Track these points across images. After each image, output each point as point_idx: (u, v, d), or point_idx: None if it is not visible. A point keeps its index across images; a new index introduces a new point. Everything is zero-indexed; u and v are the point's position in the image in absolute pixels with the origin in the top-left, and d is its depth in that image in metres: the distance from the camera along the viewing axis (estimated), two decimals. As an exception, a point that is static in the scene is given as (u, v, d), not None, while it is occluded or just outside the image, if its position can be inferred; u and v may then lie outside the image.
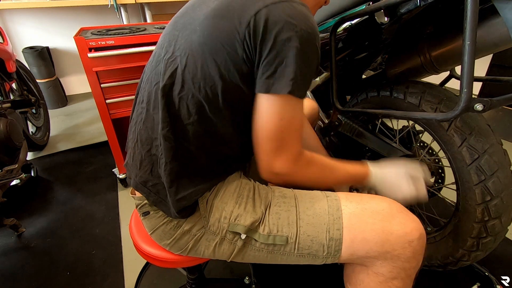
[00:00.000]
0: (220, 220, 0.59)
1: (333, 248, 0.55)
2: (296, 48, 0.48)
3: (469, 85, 0.49)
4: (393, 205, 0.57)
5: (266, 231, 0.57)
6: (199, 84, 0.53)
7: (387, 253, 0.54)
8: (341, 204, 0.57)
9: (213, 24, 0.51)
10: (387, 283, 0.56)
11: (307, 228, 0.56)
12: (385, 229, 0.53)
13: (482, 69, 2.27)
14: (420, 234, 0.54)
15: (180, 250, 0.63)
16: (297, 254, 0.57)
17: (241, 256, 0.61)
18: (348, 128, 0.98)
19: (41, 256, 1.16)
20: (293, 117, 0.53)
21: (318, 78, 1.07)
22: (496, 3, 0.54)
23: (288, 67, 0.48)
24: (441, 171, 1.00)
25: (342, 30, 0.83)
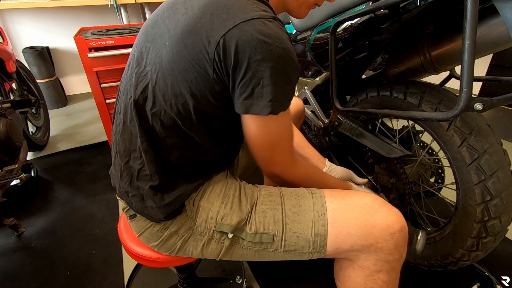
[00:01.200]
0: (207, 220, 0.59)
1: (319, 244, 0.57)
2: (272, 68, 0.47)
3: (469, 85, 0.49)
4: (375, 199, 0.58)
5: (253, 229, 0.58)
6: (170, 102, 0.53)
7: (371, 246, 0.55)
8: (325, 201, 0.59)
9: (181, 41, 0.50)
10: (372, 276, 0.58)
11: (293, 225, 0.58)
12: (368, 223, 0.55)
13: (482, 69, 2.27)
14: (401, 226, 0.55)
15: (168, 251, 0.63)
16: (283, 251, 0.59)
17: (229, 254, 0.62)
18: (348, 128, 0.98)
19: (41, 256, 1.16)
20: (281, 130, 0.56)
21: (318, 78, 1.08)
22: (496, 3, 0.54)
23: (266, 88, 0.48)
24: (441, 171, 1.00)
25: (342, 30, 0.83)
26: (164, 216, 0.58)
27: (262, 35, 0.46)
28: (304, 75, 1.14)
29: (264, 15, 0.48)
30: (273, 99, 0.49)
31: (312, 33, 0.98)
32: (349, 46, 0.85)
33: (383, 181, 0.95)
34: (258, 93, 0.49)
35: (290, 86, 0.52)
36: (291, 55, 0.49)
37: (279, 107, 0.50)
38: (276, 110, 0.50)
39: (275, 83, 0.48)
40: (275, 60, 0.47)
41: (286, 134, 0.58)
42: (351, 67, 0.96)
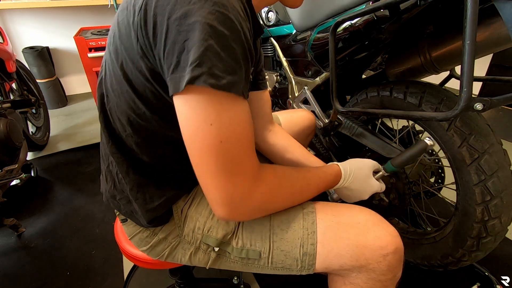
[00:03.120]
0: (194, 230, 0.57)
1: (307, 263, 0.54)
2: (197, 24, 0.35)
3: (469, 85, 0.49)
4: (370, 217, 0.54)
5: (239, 244, 0.56)
6: (118, 91, 0.47)
7: (362, 267, 0.52)
8: (316, 217, 0.54)
9: (116, 20, 0.44)
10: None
11: (280, 243, 0.54)
12: (359, 244, 0.51)
13: (482, 69, 2.27)
14: (395, 248, 0.51)
15: (158, 256, 0.62)
16: (271, 267, 0.56)
17: (218, 264, 0.60)
18: (348, 128, 0.98)
19: (41, 256, 1.16)
20: (228, 119, 0.39)
21: (318, 78, 1.08)
22: (496, 3, 0.54)
23: (193, 51, 0.35)
24: (441, 171, 1.00)
25: (342, 30, 0.83)
26: (147, 221, 0.55)
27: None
28: (304, 75, 1.14)
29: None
30: (197, 60, 0.35)
31: (312, 33, 0.98)
32: (349, 46, 0.85)
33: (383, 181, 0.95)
34: (185, 61, 0.36)
35: (227, 53, 0.37)
36: (224, 10, 0.37)
37: (207, 76, 0.36)
38: (201, 78, 0.35)
39: (202, 42, 0.35)
40: (199, 15, 0.35)
41: (240, 133, 0.41)
42: (351, 67, 0.96)
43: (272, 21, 1.25)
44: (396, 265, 0.52)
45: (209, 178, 0.41)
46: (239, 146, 0.41)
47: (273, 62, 1.41)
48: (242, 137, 0.41)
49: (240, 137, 0.41)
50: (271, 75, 1.39)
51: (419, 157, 0.55)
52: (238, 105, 0.40)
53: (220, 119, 0.38)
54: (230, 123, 0.39)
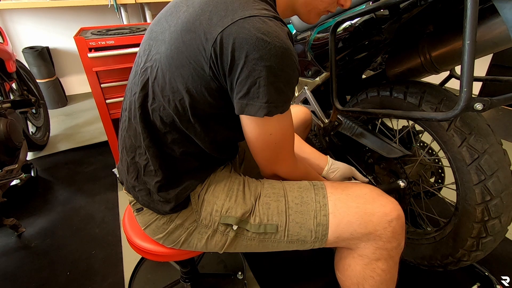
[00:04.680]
0: (212, 213, 0.61)
1: (320, 233, 0.59)
2: (269, 68, 0.46)
3: (469, 85, 0.49)
4: (373, 190, 0.61)
5: (257, 221, 0.60)
6: (168, 98, 0.53)
7: (370, 233, 0.57)
8: (327, 192, 0.61)
9: (180, 37, 0.50)
10: (371, 265, 0.59)
11: (295, 216, 0.59)
12: (367, 211, 0.57)
13: (482, 69, 2.27)
14: (398, 214, 0.57)
15: (173, 244, 0.65)
16: (287, 241, 0.61)
17: (234, 246, 0.64)
18: (348, 128, 0.98)
19: (41, 256, 1.16)
20: (281, 132, 0.55)
21: (318, 78, 1.08)
22: (496, 3, 0.54)
23: (262, 88, 0.47)
24: (441, 171, 1.00)
25: (342, 30, 0.83)
26: (170, 209, 0.59)
27: (260, 33, 0.45)
28: (304, 75, 1.14)
29: (264, 14, 0.47)
30: (269, 100, 0.48)
31: (312, 33, 0.98)
32: (349, 46, 0.85)
33: (383, 181, 0.95)
34: (254, 93, 0.48)
35: (288, 88, 0.50)
36: (290, 55, 0.48)
37: (275, 109, 0.49)
38: (272, 112, 0.49)
39: (272, 83, 0.47)
40: (273, 60, 0.46)
41: (286, 136, 0.57)
42: (351, 67, 0.96)
43: (272, 21, 1.25)
44: (399, 232, 0.58)
45: (266, 162, 0.60)
46: (284, 146, 0.58)
47: (273, 62, 1.41)
48: (287, 138, 0.57)
49: (286, 138, 0.57)
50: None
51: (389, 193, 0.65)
52: (287, 118, 0.55)
53: (275, 131, 0.54)
54: (282, 132, 0.55)
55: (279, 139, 0.56)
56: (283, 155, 0.60)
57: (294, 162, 0.63)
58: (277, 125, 0.53)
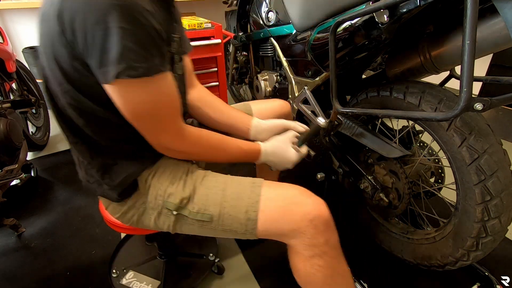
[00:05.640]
0: (156, 197, 0.66)
1: (250, 227, 0.64)
2: (108, 29, 0.45)
3: (469, 85, 0.49)
4: (303, 192, 0.66)
5: (195, 209, 0.65)
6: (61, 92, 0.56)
7: (294, 230, 0.62)
8: (261, 190, 0.65)
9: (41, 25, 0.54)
10: (308, 261, 0.64)
11: (229, 209, 0.64)
12: (291, 211, 0.63)
13: (482, 69, 2.27)
14: (318, 213, 0.62)
15: (129, 222, 0.71)
16: (221, 230, 0.66)
17: (179, 228, 0.69)
18: (348, 128, 0.98)
19: (41, 256, 1.16)
20: (154, 98, 0.53)
21: (318, 78, 1.08)
22: (496, 3, 0.54)
23: (112, 51, 0.46)
24: (441, 171, 1.00)
25: (342, 30, 0.83)
26: (118, 194, 0.65)
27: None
28: (304, 75, 1.14)
29: None
30: (121, 60, 0.46)
31: (312, 33, 0.98)
32: (349, 46, 0.85)
33: (383, 181, 0.95)
34: (104, 60, 0.47)
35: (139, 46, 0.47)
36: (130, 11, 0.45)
37: (132, 69, 0.47)
38: (130, 73, 0.47)
39: (119, 43, 0.45)
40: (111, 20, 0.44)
41: (163, 103, 0.55)
42: (351, 67, 0.95)
43: (272, 21, 1.25)
44: (323, 229, 0.62)
45: (148, 134, 0.59)
46: (165, 112, 0.57)
47: (273, 62, 1.41)
48: (163, 107, 0.56)
49: (162, 107, 0.56)
50: (271, 75, 1.39)
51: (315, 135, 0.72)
52: (158, 82, 0.53)
53: (145, 98, 0.52)
54: (155, 98, 0.53)
55: (150, 107, 0.54)
56: (161, 125, 0.58)
57: (178, 133, 0.61)
58: (142, 92, 0.52)
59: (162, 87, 0.54)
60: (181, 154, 0.65)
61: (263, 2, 1.29)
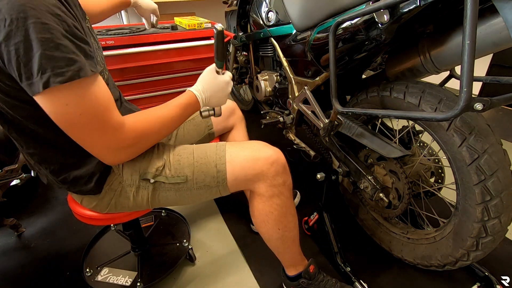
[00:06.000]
0: (132, 174, 0.71)
1: (221, 178, 0.73)
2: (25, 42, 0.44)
3: (469, 85, 0.49)
4: (262, 143, 0.78)
5: (170, 174, 0.72)
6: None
7: (258, 174, 0.73)
8: (226, 147, 0.76)
9: None
10: (268, 201, 0.76)
11: (201, 167, 0.73)
12: (254, 157, 0.73)
13: (482, 69, 2.27)
14: (277, 157, 0.74)
15: (107, 208, 0.74)
16: (196, 187, 0.74)
17: (157, 198, 0.74)
18: (348, 128, 0.98)
19: (41, 256, 1.16)
20: (86, 99, 0.52)
21: (318, 78, 1.07)
22: (496, 3, 0.54)
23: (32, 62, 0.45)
24: (441, 171, 1.00)
25: (342, 30, 0.83)
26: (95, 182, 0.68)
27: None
28: (304, 75, 1.14)
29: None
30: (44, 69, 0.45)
31: (312, 33, 0.98)
32: (349, 46, 0.85)
33: (383, 181, 0.95)
34: (27, 72, 0.46)
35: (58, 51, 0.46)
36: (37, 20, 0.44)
37: (58, 75, 0.46)
38: (55, 81, 0.46)
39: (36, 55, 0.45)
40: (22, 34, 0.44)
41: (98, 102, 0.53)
42: (351, 67, 0.95)
43: (272, 21, 1.25)
44: (281, 171, 0.75)
45: (88, 143, 0.57)
46: (99, 112, 0.54)
47: (273, 62, 1.41)
48: (98, 105, 0.54)
49: (96, 105, 0.53)
50: (271, 75, 1.39)
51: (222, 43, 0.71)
52: (89, 83, 0.52)
53: (79, 101, 0.51)
54: (88, 100, 0.52)
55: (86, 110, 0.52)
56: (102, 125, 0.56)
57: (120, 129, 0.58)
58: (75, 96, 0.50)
59: (94, 87, 0.53)
60: (130, 150, 0.64)
61: (263, 2, 1.29)
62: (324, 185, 1.08)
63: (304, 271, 0.90)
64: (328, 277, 0.93)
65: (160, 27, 1.52)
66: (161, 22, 1.68)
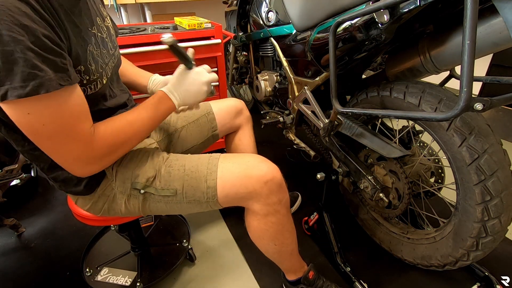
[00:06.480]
0: (125, 181, 0.71)
1: (211, 194, 0.71)
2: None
3: (469, 85, 0.49)
4: (257, 158, 0.74)
5: (160, 186, 0.71)
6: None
7: (251, 192, 0.70)
8: (218, 162, 0.72)
9: None
10: (263, 219, 0.74)
11: (191, 181, 0.71)
12: (246, 175, 0.70)
13: (482, 69, 2.27)
14: (272, 176, 0.70)
15: (101, 212, 0.74)
16: (186, 202, 0.72)
17: (148, 208, 0.73)
18: (348, 128, 0.98)
19: (41, 256, 1.16)
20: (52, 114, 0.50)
21: (318, 78, 1.07)
22: (496, 3, 0.54)
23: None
24: (441, 171, 1.00)
25: (342, 30, 0.83)
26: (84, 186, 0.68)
27: None
28: (304, 75, 1.14)
29: None
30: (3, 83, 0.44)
31: (312, 33, 0.98)
32: (349, 46, 0.85)
33: (383, 181, 0.95)
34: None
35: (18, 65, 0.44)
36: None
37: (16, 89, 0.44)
38: (15, 92, 0.44)
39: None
40: None
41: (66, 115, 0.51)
42: (351, 67, 0.95)
43: (272, 21, 1.25)
44: (276, 190, 0.71)
45: (56, 155, 0.55)
46: (66, 124, 0.52)
47: (273, 62, 1.41)
48: (65, 116, 0.51)
49: (63, 117, 0.51)
50: (271, 75, 1.39)
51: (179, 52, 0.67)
52: (52, 97, 0.48)
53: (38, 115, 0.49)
54: (49, 113, 0.49)
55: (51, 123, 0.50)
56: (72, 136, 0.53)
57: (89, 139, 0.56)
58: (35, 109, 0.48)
59: (61, 99, 0.50)
60: (102, 160, 0.61)
61: (263, 2, 1.29)
62: (324, 185, 1.08)
63: (303, 277, 0.89)
64: (328, 282, 0.92)
65: (160, 27, 1.52)
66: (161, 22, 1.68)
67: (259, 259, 1.11)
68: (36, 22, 0.46)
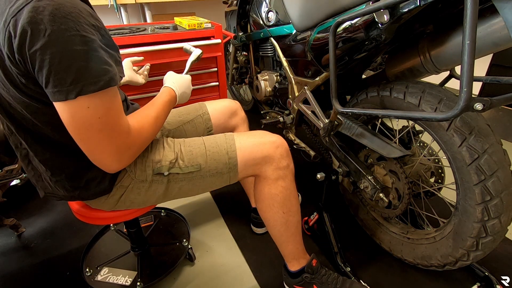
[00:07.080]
0: (145, 169, 0.73)
1: (233, 164, 0.78)
2: (59, 52, 0.46)
3: (469, 85, 0.49)
4: (265, 131, 0.85)
5: (184, 164, 0.75)
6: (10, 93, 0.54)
7: (266, 156, 0.79)
8: (234, 136, 0.81)
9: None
10: (274, 184, 0.81)
11: (213, 155, 0.77)
12: (261, 142, 0.80)
13: (482, 69, 2.27)
14: (281, 142, 0.82)
15: (116, 205, 0.75)
16: (209, 175, 0.78)
17: (171, 189, 0.76)
18: (348, 128, 0.98)
19: (41, 256, 1.16)
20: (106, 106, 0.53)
21: (318, 78, 1.07)
22: (496, 3, 0.54)
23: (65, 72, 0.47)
24: (441, 171, 1.00)
25: (342, 30, 0.83)
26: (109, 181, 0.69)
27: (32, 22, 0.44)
28: (304, 75, 1.14)
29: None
30: (78, 80, 0.48)
31: (312, 33, 0.98)
32: (349, 46, 0.85)
33: (383, 181, 0.95)
34: (57, 80, 0.48)
35: (93, 62, 0.49)
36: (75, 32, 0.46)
37: (91, 84, 0.49)
38: (89, 88, 0.49)
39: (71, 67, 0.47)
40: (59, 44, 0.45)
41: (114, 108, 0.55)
42: (351, 67, 0.95)
43: (272, 21, 1.25)
44: (285, 155, 0.82)
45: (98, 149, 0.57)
46: (114, 115, 0.56)
47: (273, 62, 1.41)
48: (115, 108, 0.55)
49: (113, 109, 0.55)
50: (271, 75, 1.39)
51: None
52: (111, 92, 0.53)
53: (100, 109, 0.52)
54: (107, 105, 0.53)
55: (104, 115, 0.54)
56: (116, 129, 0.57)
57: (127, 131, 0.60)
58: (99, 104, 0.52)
59: (116, 91, 0.55)
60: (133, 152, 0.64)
61: (263, 2, 1.29)
62: (324, 185, 1.08)
63: (308, 265, 0.90)
64: (330, 272, 0.93)
65: (160, 27, 1.52)
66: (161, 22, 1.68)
67: (259, 259, 1.11)
68: (98, 21, 0.52)
